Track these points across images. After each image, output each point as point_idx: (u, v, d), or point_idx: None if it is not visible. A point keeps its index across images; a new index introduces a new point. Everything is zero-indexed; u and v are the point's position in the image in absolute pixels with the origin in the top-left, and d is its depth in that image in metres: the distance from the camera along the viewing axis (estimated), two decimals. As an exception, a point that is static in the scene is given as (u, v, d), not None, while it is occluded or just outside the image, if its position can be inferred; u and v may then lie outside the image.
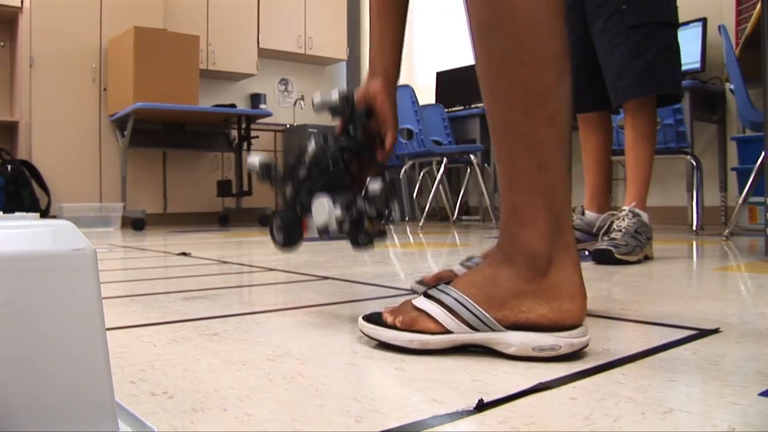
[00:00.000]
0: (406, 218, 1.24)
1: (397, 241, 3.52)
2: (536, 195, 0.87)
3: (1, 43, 6.18)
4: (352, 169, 1.16)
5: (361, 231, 1.11)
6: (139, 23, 6.02)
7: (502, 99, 0.87)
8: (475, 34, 0.89)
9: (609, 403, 0.67)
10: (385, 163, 1.21)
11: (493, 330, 0.86)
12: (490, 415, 0.64)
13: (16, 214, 0.53)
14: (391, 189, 1.09)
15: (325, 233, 1.12)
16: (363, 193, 1.11)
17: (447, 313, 0.87)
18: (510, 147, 0.87)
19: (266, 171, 1.20)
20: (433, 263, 2.29)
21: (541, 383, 0.74)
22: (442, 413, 0.64)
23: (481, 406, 0.66)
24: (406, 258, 2.47)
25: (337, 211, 1.09)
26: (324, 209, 1.10)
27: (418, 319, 0.89)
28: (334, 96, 1.18)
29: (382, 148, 1.20)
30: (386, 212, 1.11)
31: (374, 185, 1.10)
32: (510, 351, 0.85)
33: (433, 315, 0.88)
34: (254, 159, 1.22)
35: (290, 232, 1.16)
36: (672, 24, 2.26)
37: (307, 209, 1.14)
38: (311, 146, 1.16)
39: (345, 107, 1.17)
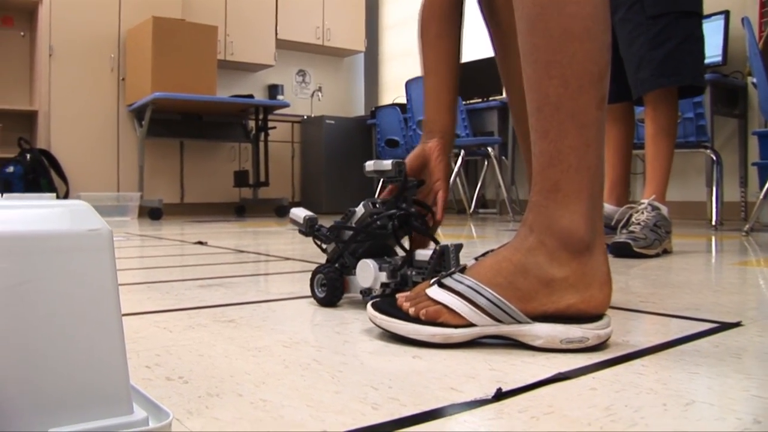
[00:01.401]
0: None
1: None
2: (582, 174, 0.85)
3: (22, 33, 6.21)
4: (399, 236, 1.19)
5: None
6: (157, 13, 6.02)
7: (558, 75, 0.85)
8: (535, 9, 0.87)
9: (629, 394, 0.66)
10: (437, 225, 1.25)
11: (519, 322, 0.85)
12: (509, 404, 0.63)
13: (32, 194, 0.52)
14: (440, 260, 1.10)
15: (367, 295, 1.14)
16: (410, 261, 1.14)
17: (469, 305, 0.85)
18: (560, 124, 0.86)
19: (310, 226, 1.24)
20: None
21: (560, 373, 0.73)
22: (460, 401, 0.64)
23: (500, 395, 0.65)
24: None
25: (383, 276, 1.12)
26: (370, 273, 1.12)
27: (441, 312, 0.86)
28: (387, 164, 1.19)
29: (434, 208, 1.25)
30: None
31: (421, 254, 1.13)
32: (537, 343, 0.84)
33: (454, 308, 0.85)
34: (299, 212, 1.26)
35: (332, 291, 1.18)
36: (694, 13, 2.22)
37: (350, 269, 1.18)
38: (360, 210, 1.19)
39: (397, 175, 1.19)
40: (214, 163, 6.87)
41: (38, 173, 5.62)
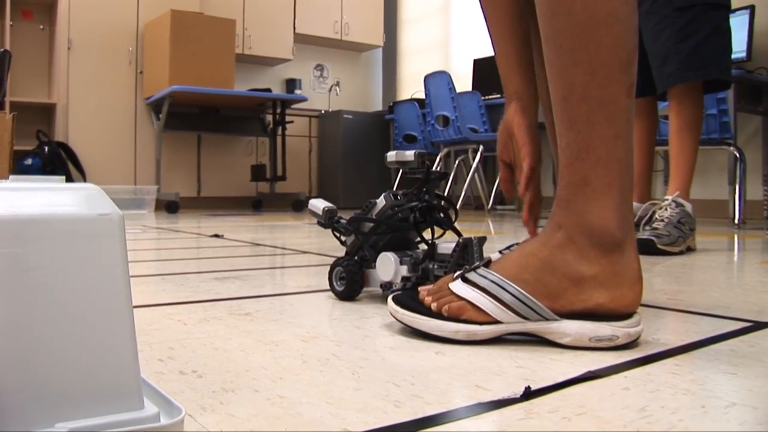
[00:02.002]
0: None
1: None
2: (611, 167, 0.81)
3: (41, 27, 6.22)
4: (421, 228, 1.15)
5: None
6: (175, 6, 6.01)
7: (584, 63, 0.80)
8: None
9: (665, 395, 0.62)
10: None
11: (546, 319, 0.81)
12: (538, 403, 0.60)
13: (40, 176, 0.50)
14: (462, 254, 1.08)
15: (387, 289, 1.11)
16: (432, 254, 1.12)
17: (494, 301, 0.82)
18: (588, 114, 0.81)
19: (329, 218, 1.22)
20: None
21: (590, 371, 0.70)
22: (487, 400, 0.60)
23: (528, 394, 0.62)
24: (441, 244, 2.43)
25: (404, 270, 1.09)
26: (390, 266, 1.09)
27: (465, 308, 0.83)
28: (410, 155, 1.16)
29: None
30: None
31: (444, 247, 1.11)
32: (564, 341, 0.81)
33: (479, 304, 0.82)
34: (318, 204, 1.24)
35: (352, 284, 1.15)
36: (723, 5, 2.17)
37: (370, 262, 1.15)
38: (381, 202, 1.16)
39: (420, 166, 1.15)
40: (231, 157, 6.86)
41: (56, 166, 5.63)
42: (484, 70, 6.56)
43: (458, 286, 0.85)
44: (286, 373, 0.68)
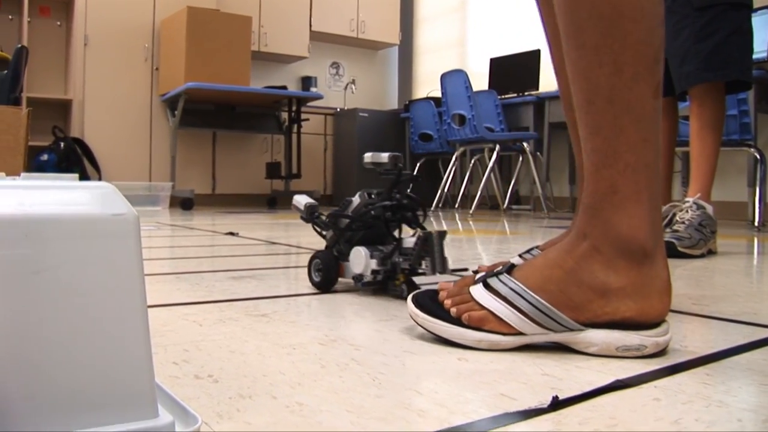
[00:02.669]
0: (438, 272, 1.27)
1: (445, 228, 3.45)
2: (640, 173, 0.77)
3: (58, 23, 6.23)
4: (392, 226, 1.24)
5: (394, 283, 1.19)
6: (192, 3, 6.02)
7: (609, 62, 0.76)
8: None
9: (698, 406, 0.60)
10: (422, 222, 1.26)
11: (570, 330, 0.79)
12: (567, 414, 0.58)
13: (53, 174, 0.48)
14: (424, 246, 1.17)
15: (359, 281, 1.20)
16: (399, 249, 1.20)
17: (516, 313, 0.79)
18: (614, 118, 0.77)
19: (310, 213, 1.32)
20: (482, 250, 2.22)
21: (618, 381, 0.67)
22: (514, 410, 0.58)
23: (557, 404, 0.60)
24: (455, 244, 2.40)
25: (374, 263, 1.17)
26: (361, 259, 1.18)
27: (487, 318, 0.80)
28: (384, 157, 1.23)
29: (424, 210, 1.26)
30: (418, 267, 1.19)
31: (409, 242, 1.20)
32: (591, 350, 0.78)
33: (502, 317, 0.79)
34: (301, 199, 1.34)
35: (327, 275, 1.23)
36: (743, 5, 2.13)
37: (345, 256, 1.24)
38: (356, 200, 1.26)
39: (393, 168, 1.23)
40: (246, 155, 6.86)
41: (72, 162, 5.64)
42: (500, 69, 6.53)
43: (479, 293, 0.82)
44: (304, 379, 0.66)
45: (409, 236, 1.22)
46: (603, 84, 0.77)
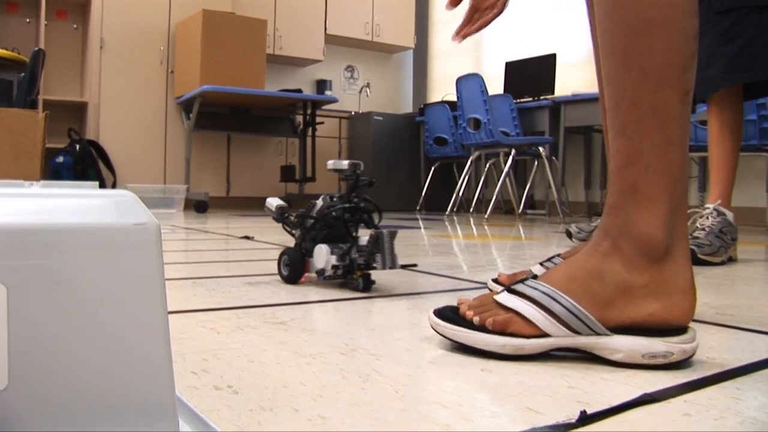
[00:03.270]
0: (388, 267, 1.34)
1: (460, 232, 3.43)
2: (661, 174, 0.79)
3: (74, 26, 6.27)
4: (351, 226, 1.36)
5: (352, 277, 1.33)
6: (207, 6, 6.03)
7: (636, 67, 0.79)
8: None
9: (732, 423, 0.58)
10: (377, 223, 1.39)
11: (597, 333, 0.77)
12: (596, 429, 0.56)
13: (72, 182, 0.47)
14: (375, 244, 1.30)
15: (321, 275, 1.33)
16: (356, 246, 1.33)
17: (544, 313, 0.78)
18: (638, 120, 0.79)
19: (281, 214, 1.46)
20: (497, 255, 2.20)
21: (646, 394, 0.66)
22: (542, 425, 0.56)
23: (585, 419, 0.58)
24: (469, 249, 2.39)
25: (333, 259, 1.31)
26: (323, 256, 1.32)
27: (512, 320, 0.79)
28: (344, 164, 1.36)
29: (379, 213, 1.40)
30: (371, 263, 1.32)
31: (364, 240, 1.33)
32: (616, 357, 0.76)
33: (528, 316, 0.78)
34: (273, 201, 1.48)
35: (294, 270, 1.38)
36: (764, 8, 2.10)
37: (310, 253, 1.37)
38: (320, 203, 1.40)
39: (352, 174, 1.35)
40: (260, 158, 6.87)
41: (87, 164, 5.66)
42: (516, 72, 6.50)
43: (505, 298, 0.81)
44: (326, 390, 0.65)
45: (363, 235, 1.34)
46: (629, 87, 0.80)
